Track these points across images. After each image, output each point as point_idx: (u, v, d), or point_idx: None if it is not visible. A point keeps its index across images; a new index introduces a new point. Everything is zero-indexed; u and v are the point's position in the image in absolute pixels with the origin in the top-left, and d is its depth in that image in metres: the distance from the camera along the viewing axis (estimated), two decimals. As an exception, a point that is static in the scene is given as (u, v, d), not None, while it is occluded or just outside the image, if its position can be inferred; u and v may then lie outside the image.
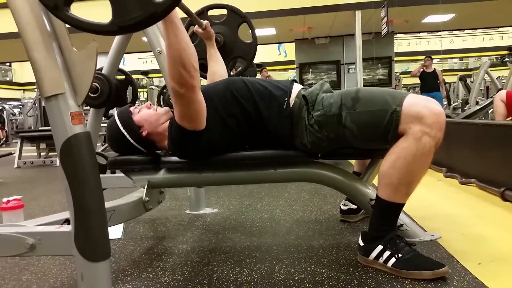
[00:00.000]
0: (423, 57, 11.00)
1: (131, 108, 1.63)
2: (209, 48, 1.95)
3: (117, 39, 2.32)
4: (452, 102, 11.20)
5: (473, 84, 7.78)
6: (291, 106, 1.48)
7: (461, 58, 21.78)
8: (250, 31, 2.19)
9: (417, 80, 10.67)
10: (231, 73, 2.83)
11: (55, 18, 1.16)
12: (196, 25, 1.88)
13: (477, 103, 7.26)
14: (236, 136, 1.53)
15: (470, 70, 18.92)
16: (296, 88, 1.54)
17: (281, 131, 1.49)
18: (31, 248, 1.19)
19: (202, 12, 2.11)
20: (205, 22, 1.88)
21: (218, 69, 1.93)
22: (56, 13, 0.97)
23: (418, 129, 1.29)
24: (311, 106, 1.46)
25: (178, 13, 1.26)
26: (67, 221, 1.36)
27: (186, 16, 1.73)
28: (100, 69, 2.44)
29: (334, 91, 1.51)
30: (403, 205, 1.39)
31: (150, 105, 1.65)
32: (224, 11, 2.15)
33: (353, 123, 1.38)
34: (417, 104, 1.32)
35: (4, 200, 1.87)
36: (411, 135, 1.30)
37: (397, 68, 18.48)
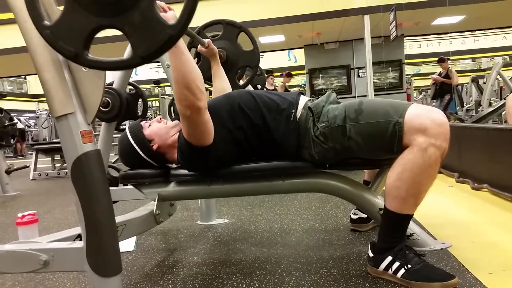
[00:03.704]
0: (434, 58, 10.91)
1: (142, 123, 1.66)
2: (213, 65, 1.98)
3: (126, 53, 2.36)
4: (465, 103, 11.07)
5: (485, 85, 7.67)
6: (298, 118, 1.50)
7: (473, 59, 21.57)
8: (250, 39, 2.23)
9: (429, 82, 10.62)
10: (241, 82, 2.86)
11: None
12: (199, 45, 1.91)
13: (490, 104, 7.17)
14: (243, 148, 1.55)
15: (483, 70, 18.71)
16: (303, 100, 1.56)
17: (288, 143, 1.50)
18: (44, 265, 1.22)
19: (199, 32, 2.15)
20: (207, 40, 1.92)
21: (223, 86, 1.97)
22: (77, 61, 0.99)
23: (423, 141, 1.29)
24: (316, 118, 1.47)
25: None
26: (79, 237, 1.39)
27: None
28: (111, 84, 2.49)
29: (339, 103, 1.52)
30: (411, 216, 1.38)
31: (161, 119, 1.68)
32: (220, 26, 2.19)
33: (357, 135, 1.39)
34: (419, 115, 1.32)
35: (19, 215, 1.91)
36: (416, 147, 1.30)
37: (409, 70, 18.39)
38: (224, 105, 1.55)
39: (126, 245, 1.98)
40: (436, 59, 9.80)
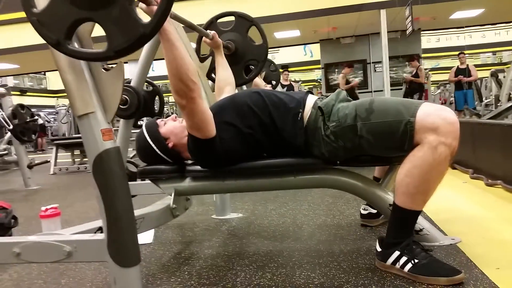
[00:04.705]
0: (452, 52, 10.78)
1: (158, 121, 1.73)
2: (217, 56, 2.06)
3: (144, 52, 2.43)
4: (484, 98, 10.88)
5: (505, 79, 7.52)
6: (307, 117, 1.54)
7: (494, 52, 21.15)
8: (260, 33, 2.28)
9: (447, 76, 10.51)
10: (260, 79, 2.89)
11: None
12: (203, 37, 1.97)
13: (510, 99, 7.03)
14: (253, 146, 1.60)
15: (504, 64, 18.32)
16: (311, 99, 1.60)
17: (296, 141, 1.54)
18: (68, 255, 1.29)
19: (212, 23, 2.20)
20: (212, 32, 1.97)
21: (225, 76, 2.05)
22: (58, 48, 1.09)
23: (433, 139, 1.32)
24: (326, 117, 1.51)
25: (173, 30, 1.36)
26: (100, 229, 1.46)
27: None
28: (129, 82, 2.56)
29: (349, 102, 1.56)
30: (420, 212, 1.42)
31: (176, 117, 1.75)
32: (232, 18, 2.24)
33: (369, 133, 1.42)
34: (431, 114, 1.35)
35: (43, 208, 2.00)
36: (427, 145, 1.33)
37: (427, 64, 18.12)
38: (230, 105, 1.61)
39: (145, 237, 2.05)
40: (453, 53, 9.71)
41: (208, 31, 1.99)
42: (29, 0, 1.10)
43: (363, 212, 2.01)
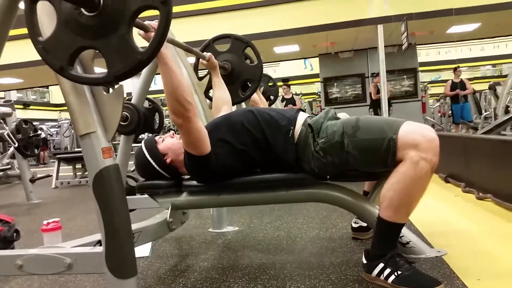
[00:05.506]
0: (452, 66, 10.91)
1: (156, 138, 1.81)
2: (213, 77, 2.16)
3: (144, 71, 2.52)
4: (483, 111, 10.95)
5: (501, 93, 7.58)
6: (297, 134, 1.62)
7: (494, 65, 21.29)
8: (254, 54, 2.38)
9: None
10: (258, 96, 2.99)
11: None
12: (200, 58, 2.07)
13: (507, 112, 7.08)
14: (247, 161, 1.68)
15: (504, 76, 18.43)
16: (302, 117, 1.68)
17: (288, 157, 1.62)
18: (68, 267, 1.36)
19: (209, 45, 2.30)
20: (208, 54, 2.07)
21: (222, 96, 2.15)
22: (62, 73, 1.18)
23: (414, 154, 1.40)
24: (316, 134, 1.59)
25: (170, 55, 1.47)
26: (99, 242, 1.53)
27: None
28: (130, 99, 2.65)
29: (337, 120, 1.64)
30: (403, 224, 1.49)
31: (173, 134, 1.83)
32: (228, 40, 2.34)
33: (355, 149, 1.50)
34: (412, 131, 1.43)
35: (44, 222, 2.07)
36: (409, 160, 1.41)
37: (427, 77, 18.25)
38: (225, 124, 1.70)
39: (143, 251, 2.12)
40: (453, 66, 9.82)
41: (204, 53, 2.09)
42: (35, 29, 1.19)
43: (354, 225, 2.08)
